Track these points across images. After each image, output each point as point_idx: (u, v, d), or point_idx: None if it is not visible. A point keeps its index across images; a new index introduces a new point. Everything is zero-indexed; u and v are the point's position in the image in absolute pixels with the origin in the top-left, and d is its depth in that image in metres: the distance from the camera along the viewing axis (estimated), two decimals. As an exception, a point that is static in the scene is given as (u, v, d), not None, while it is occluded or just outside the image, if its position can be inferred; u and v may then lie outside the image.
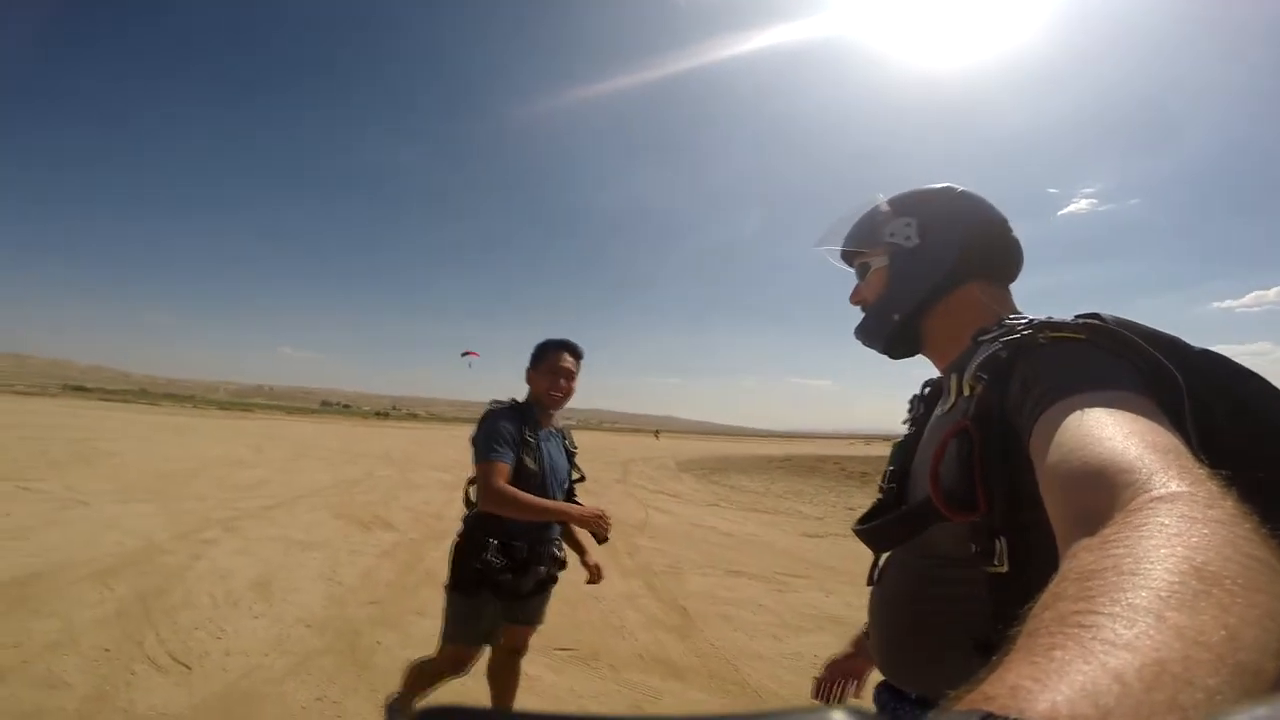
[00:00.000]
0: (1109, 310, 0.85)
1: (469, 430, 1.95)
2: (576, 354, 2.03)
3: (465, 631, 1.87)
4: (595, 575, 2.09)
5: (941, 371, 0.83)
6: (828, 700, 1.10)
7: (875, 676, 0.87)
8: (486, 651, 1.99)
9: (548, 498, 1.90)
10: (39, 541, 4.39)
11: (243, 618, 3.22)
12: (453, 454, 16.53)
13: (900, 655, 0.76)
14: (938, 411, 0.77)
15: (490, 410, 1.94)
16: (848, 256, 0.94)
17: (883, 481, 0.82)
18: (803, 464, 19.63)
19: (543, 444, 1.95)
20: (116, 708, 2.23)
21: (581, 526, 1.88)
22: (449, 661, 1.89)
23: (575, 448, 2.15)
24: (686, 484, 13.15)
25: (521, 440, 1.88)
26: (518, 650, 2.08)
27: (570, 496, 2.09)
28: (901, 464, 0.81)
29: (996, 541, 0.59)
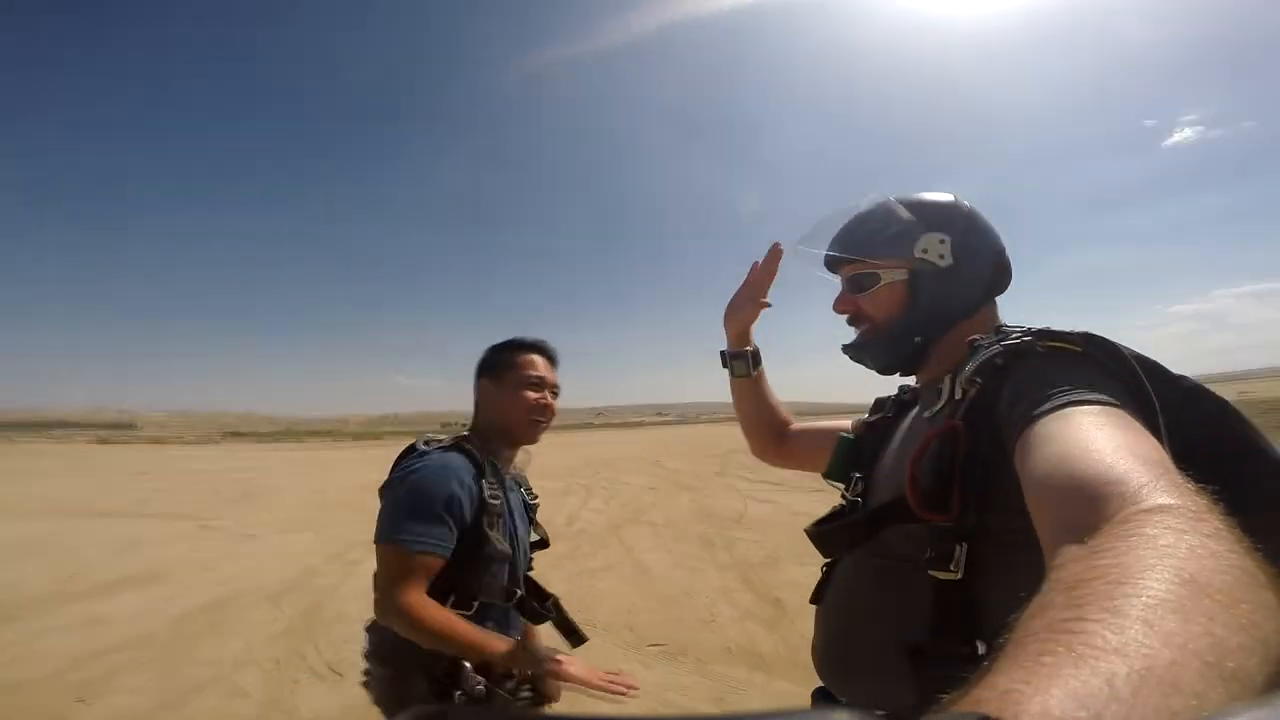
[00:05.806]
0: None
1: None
2: (553, 358, 1.37)
3: None
4: (552, 694, 1.20)
5: (924, 387, 0.82)
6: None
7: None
8: None
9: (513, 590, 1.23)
10: (222, 572, 5.18)
11: (383, 629, 3.66)
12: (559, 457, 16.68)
13: (838, 656, 0.77)
14: (925, 414, 0.76)
15: (423, 452, 1.22)
16: (838, 261, 0.83)
17: (847, 486, 0.82)
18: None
19: (509, 504, 1.29)
20: (284, 710, 2.65)
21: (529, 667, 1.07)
22: None
23: (534, 496, 1.45)
24: (791, 470, 12.69)
25: (482, 504, 1.19)
26: None
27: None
28: (864, 466, 0.81)
29: (956, 547, 0.60)
